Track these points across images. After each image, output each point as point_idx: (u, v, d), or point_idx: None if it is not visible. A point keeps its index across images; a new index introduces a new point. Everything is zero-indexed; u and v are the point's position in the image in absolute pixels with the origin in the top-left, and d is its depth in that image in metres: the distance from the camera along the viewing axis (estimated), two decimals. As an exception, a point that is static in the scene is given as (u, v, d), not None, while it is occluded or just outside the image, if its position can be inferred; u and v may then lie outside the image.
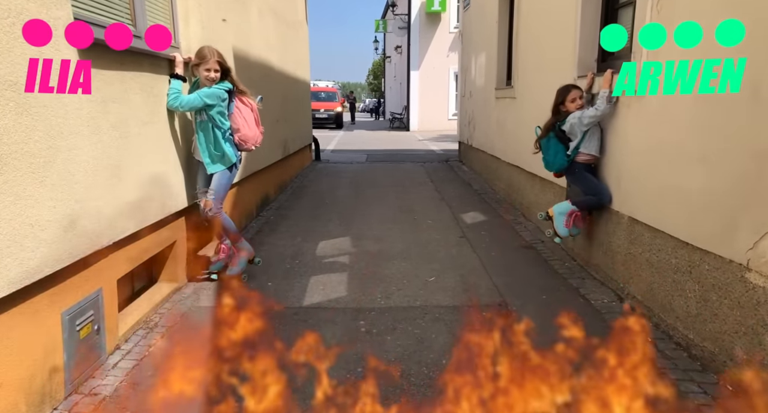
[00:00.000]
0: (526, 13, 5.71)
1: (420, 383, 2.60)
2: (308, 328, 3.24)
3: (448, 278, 4.03)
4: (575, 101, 3.68)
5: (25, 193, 2.06)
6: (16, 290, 2.00)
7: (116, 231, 2.75)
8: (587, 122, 3.54)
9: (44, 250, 2.16)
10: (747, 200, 2.25)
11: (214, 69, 3.44)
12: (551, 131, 3.79)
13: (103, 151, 2.63)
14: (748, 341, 2.24)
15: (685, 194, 2.71)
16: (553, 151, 3.79)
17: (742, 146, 2.28)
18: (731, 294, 2.34)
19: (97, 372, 2.60)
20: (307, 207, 6.58)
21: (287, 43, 8.06)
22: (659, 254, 2.96)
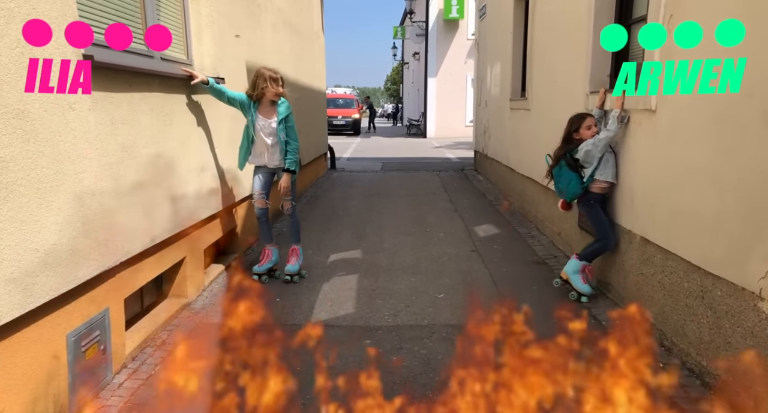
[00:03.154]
0: (540, 26, 5.66)
1: (424, 402, 2.57)
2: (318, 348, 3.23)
3: (458, 296, 3.99)
4: (591, 129, 3.61)
5: (30, 218, 2.09)
6: (20, 315, 2.03)
7: (123, 252, 2.78)
8: (602, 145, 3.47)
9: (49, 274, 2.19)
10: (760, 226, 2.18)
11: (282, 85, 4.04)
12: (562, 160, 3.73)
13: (111, 172, 2.67)
14: (753, 367, 2.16)
15: (696, 216, 2.64)
16: (566, 179, 3.72)
17: (755, 169, 2.22)
18: (744, 323, 2.26)
19: (102, 393, 2.63)
20: (320, 218, 6.60)
21: (302, 54, 8.12)
22: (671, 276, 2.89)
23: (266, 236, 4.29)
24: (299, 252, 4.31)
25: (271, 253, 4.26)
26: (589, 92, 4.05)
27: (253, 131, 4.06)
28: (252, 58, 5.27)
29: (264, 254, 4.27)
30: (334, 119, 22.65)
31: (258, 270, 4.21)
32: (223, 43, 4.45)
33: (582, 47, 4.18)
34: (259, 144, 4.10)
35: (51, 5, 2.23)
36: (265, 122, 4.04)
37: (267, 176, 4.21)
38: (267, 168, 4.18)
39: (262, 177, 4.20)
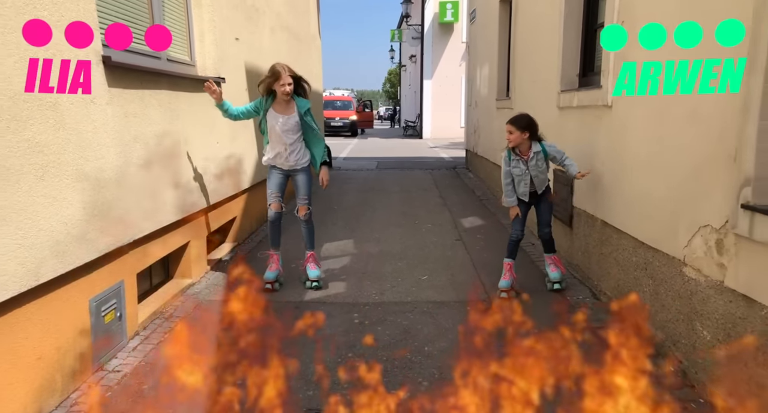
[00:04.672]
0: (521, 30, 6.03)
1: (404, 363, 2.92)
2: (309, 321, 3.58)
3: (440, 277, 4.34)
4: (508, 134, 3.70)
5: (60, 196, 2.44)
6: (53, 278, 2.38)
7: (135, 230, 3.13)
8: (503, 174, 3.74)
9: (75, 245, 2.54)
10: (685, 204, 2.53)
11: (288, 83, 3.73)
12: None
13: (125, 160, 3.02)
14: (684, 327, 2.52)
15: (643, 199, 3.00)
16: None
17: (684, 158, 2.57)
18: (673, 287, 2.62)
19: (119, 354, 2.98)
20: (316, 212, 6.89)
21: (299, 57, 8.47)
22: (623, 253, 3.25)
23: (276, 242, 4.07)
24: (316, 257, 4.18)
25: (278, 259, 4.09)
26: (561, 91, 4.41)
27: (266, 130, 3.87)
28: (250, 60, 5.62)
29: (272, 259, 4.07)
30: (332, 121, 23.03)
31: (270, 278, 4.00)
32: (224, 46, 4.81)
33: (555, 50, 4.54)
34: (275, 143, 3.88)
35: (75, 11, 2.59)
36: (283, 119, 3.81)
37: (282, 177, 3.99)
38: (282, 170, 3.96)
39: (277, 178, 3.99)
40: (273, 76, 3.74)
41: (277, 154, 3.91)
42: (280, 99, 3.81)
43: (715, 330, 2.30)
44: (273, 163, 3.96)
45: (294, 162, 3.94)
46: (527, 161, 3.64)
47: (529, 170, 3.66)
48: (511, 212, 3.84)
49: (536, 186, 3.73)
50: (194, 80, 4.12)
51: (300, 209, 4.06)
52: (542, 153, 3.65)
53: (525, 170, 3.66)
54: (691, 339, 2.50)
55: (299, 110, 3.85)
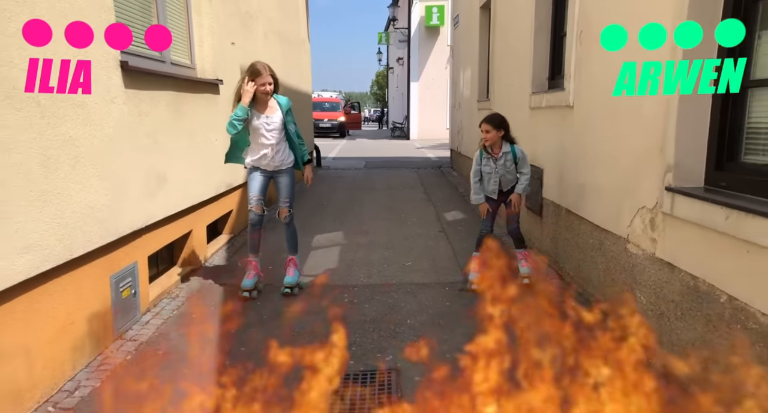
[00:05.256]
0: (499, 36, 6.46)
1: (390, 333, 3.32)
2: (300, 300, 3.96)
3: (423, 263, 4.75)
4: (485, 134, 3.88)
5: (88, 183, 2.80)
6: (82, 255, 2.74)
7: (147, 216, 3.49)
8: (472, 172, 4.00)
9: (99, 226, 2.90)
10: (628, 190, 2.96)
11: (268, 82, 3.68)
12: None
13: (139, 153, 3.38)
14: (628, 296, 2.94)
15: (598, 188, 3.43)
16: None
17: (629, 151, 3.00)
18: (620, 262, 3.04)
19: (134, 326, 3.34)
20: (306, 208, 7.32)
21: (290, 60, 8.85)
22: (583, 237, 3.67)
23: (254, 247, 3.94)
24: (297, 262, 4.06)
25: (257, 265, 3.96)
26: (532, 93, 4.83)
27: (247, 133, 3.78)
28: (245, 63, 5.96)
29: (250, 265, 3.93)
30: (321, 122, 23.36)
31: (248, 286, 3.86)
32: (222, 50, 5.18)
33: (527, 55, 4.97)
34: (259, 144, 3.79)
35: (97, 22, 2.95)
36: (267, 118, 3.76)
37: (265, 179, 3.89)
38: (266, 171, 3.88)
39: (259, 181, 3.87)
40: (253, 74, 3.66)
41: (262, 155, 3.79)
42: (259, 98, 3.73)
43: (649, 295, 2.73)
44: (257, 164, 3.84)
45: (279, 162, 3.86)
46: (496, 160, 3.87)
47: (497, 168, 3.88)
48: (481, 208, 4.03)
49: (503, 185, 3.94)
50: (195, 82, 4.48)
51: (281, 212, 3.95)
52: (512, 154, 3.86)
53: (494, 168, 3.89)
54: (632, 305, 2.92)
55: (282, 108, 3.82)
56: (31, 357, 2.40)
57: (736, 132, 2.28)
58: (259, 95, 3.72)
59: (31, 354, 2.39)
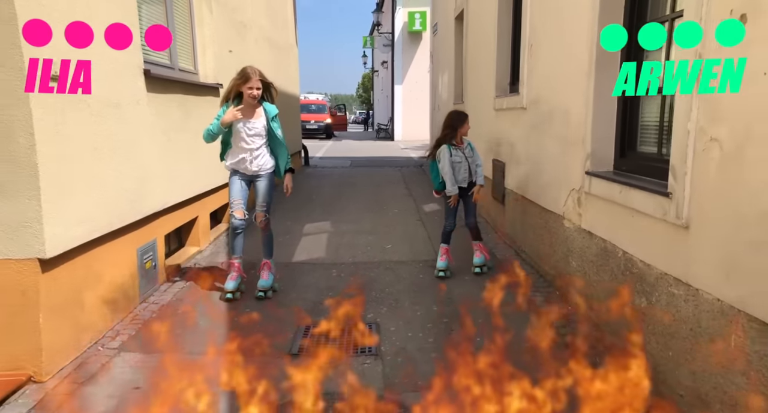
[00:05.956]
0: (470, 46, 7.17)
1: (372, 298, 3.97)
2: (295, 274, 4.60)
3: (402, 247, 5.40)
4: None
5: (123, 169, 3.41)
6: (117, 229, 3.35)
7: (163, 202, 4.10)
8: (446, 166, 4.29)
9: (130, 206, 3.51)
10: (564, 176, 3.65)
11: (256, 87, 3.71)
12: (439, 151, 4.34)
13: (160, 147, 3.99)
14: (560, 263, 3.63)
15: (541, 175, 4.11)
16: (435, 173, 4.42)
17: (564, 144, 3.68)
18: (559, 236, 3.73)
19: (154, 293, 3.95)
20: (296, 202, 7.94)
21: (280, 64, 9.46)
22: (535, 218, 4.36)
23: (238, 249, 3.94)
24: (272, 266, 4.05)
25: (240, 266, 3.96)
26: (495, 96, 5.53)
27: (230, 134, 3.79)
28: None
29: (233, 267, 3.94)
30: (307, 124, 23.92)
31: (231, 287, 3.87)
32: (221, 57, 5.79)
33: (492, 63, 5.66)
34: (238, 148, 3.80)
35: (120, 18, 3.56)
36: (249, 123, 3.77)
37: (245, 183, 3.90)
38: (245, 175, 3.88)
39: (239, 185, 3.88)
40: (242, 78, 3.70)
41: (240, 159, 3.80)
42: (246, 103, 3.73)
43: (577, 259, 3.41)
44: (236, 167, 3.86)
45: (257, 168, 3.85)
46: (463, 150, 4.32)
47: (466, 157, 4.34)
48: (453, 200, 4.32)
49: (469, 174, 4.30)
50: (199, 86, 5.10)
51: (257, 216, 3.94)
52: (469, 146, 4.33)
53: (463, 157, 4.32)
54: (566, 269, 3.61)
55: (267, 115, 3.81)
56: (86, 306, 3.01)
57: (634, 128, 2.97)
58: (247, 100, 3.72)
59: (85, 304, 3.01)
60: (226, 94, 3.81)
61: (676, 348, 2.26)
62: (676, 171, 2.23)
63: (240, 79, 3.72)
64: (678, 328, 2.24)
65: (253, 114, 3.80)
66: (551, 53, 3.92)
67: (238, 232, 3.90)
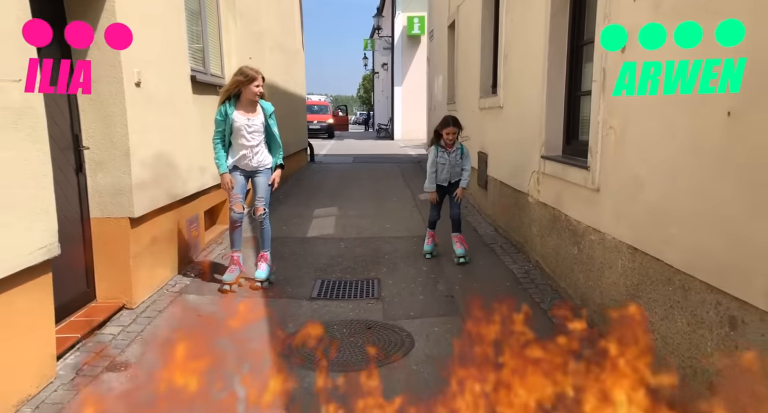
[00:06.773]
0: (461, 51, 8.08)
1: (374, 262, 4.88)
2: (309, 245, 5.50)
3: (399, 226, 6.32)
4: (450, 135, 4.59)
5: (178, 155, 4.32)
6: (174, 201, 4.25)
7: (202, 184, 5.01)
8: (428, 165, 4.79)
9: (182, 185, 4.42)
10: (528, 162, 4.55)
11: (261, 85, 3.94)
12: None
13: (200, 138, 4.90)
14: (526, 231, 4.54)
15: (512, 162, 5.02)
16: None
17: (529, 137, 4.58)
18: (525, 210, 4.64)
19: (199, 254, 4.86)
20: (304, 192, 8.86)
21: (288, 67, 10.38)
22: (508, 199, 5.27)
23: (237, 243, 4.12)
24: (268, 258, 4.18)
25: (239, 260, 4.13)
26: (480, 97, 6.44)
27: (230, 132, 3.92)
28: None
29: (232, 260, 4.12)
30: (311, 124, 24.82)
31: (229, 279, 4.03)
32: (243, 63, 6.69)
33: (477, 68, 6.57)
34: (240, 145, 3.95)
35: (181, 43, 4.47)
36: (250, 120, 3.92)
37: (244, 179, 4.08)
38: (244, 171, 4.05)
39: (239, 180, 4.04)
40: (248, 78, 3.84)
41: (241, 155, 3.95)
42: (246, 101, 3.89)
43: (537, 227, 4.32)
44: (237, 164, 4.00)
45: (257, 163, 4.02)
46: (450, 154, 4.63)
47: (450, 160, 4.63)
48: (431, 196, 4.75)
49: (452, 176, 4.66)
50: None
51: (256, 210, 4.11)
52: (460, 151, 4.66)
53: (448, 160, 4.62)
54: (530, 236, 4.51)
55: (265, 112, 3.98)
56: (156, 256, 3.92)
57: (576, 122, 3.88)
58: (250, 97, 3.89)
59: (156, 254, 3.92)
60: (227, 93, 3.92)
61: (593, 278, 3.17)
62: (591, 151, 3.14)
63: (245, 79, 3.84)
64: (593, 264, 3.15)
65: (252, 111, 3.96)
66: (519, 63, 4.83)
67: (237, 225, 4.07)
